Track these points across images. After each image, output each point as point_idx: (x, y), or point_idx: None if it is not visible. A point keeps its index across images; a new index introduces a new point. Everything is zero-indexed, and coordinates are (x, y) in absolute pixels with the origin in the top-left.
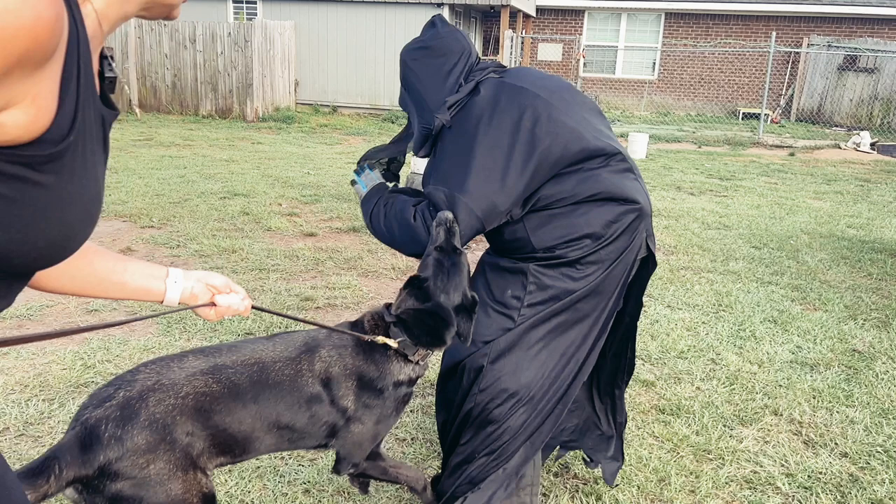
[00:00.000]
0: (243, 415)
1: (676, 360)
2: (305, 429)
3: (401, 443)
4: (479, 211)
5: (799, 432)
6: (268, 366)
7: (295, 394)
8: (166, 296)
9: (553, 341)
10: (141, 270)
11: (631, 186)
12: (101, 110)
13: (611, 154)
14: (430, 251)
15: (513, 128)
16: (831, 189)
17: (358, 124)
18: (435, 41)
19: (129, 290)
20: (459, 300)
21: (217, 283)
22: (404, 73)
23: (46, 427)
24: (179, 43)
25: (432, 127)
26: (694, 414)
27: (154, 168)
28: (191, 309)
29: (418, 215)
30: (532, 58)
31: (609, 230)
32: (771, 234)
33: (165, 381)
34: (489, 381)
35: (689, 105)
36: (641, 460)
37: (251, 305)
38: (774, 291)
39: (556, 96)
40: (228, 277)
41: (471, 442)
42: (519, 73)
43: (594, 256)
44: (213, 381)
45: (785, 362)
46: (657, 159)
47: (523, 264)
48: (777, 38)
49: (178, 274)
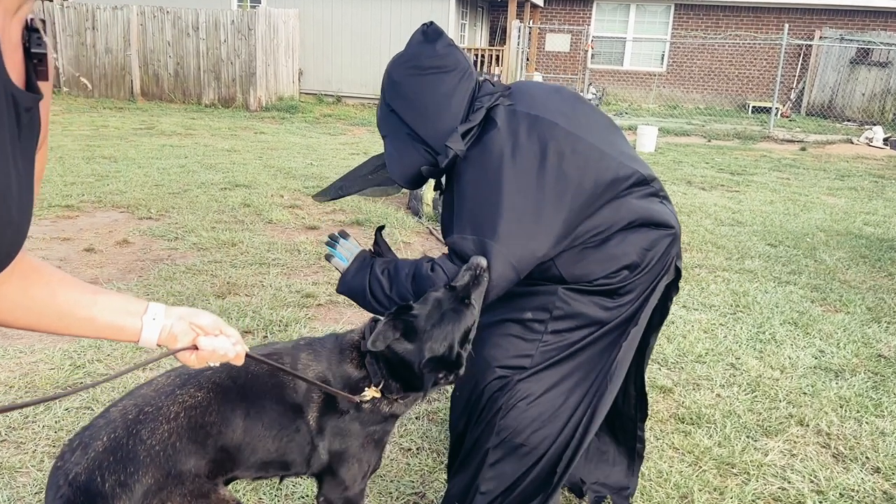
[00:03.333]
0: (238, 419)
1: (694, 364)
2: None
3: (405, 453)
4: (514, 259)
5: (827, 445)
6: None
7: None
8: (142, 335)
9: (577, 372)
10: (113, 304)
11: (661, 210)
12: (10, 90)
13: (640, 178)
14: (439, 288)
15: (539, 165)
16: (845, 185)
17: (362, 114)
18: (433, 59)
19: (98, 327)
20: (442, 352)
21: (204, 323)
22: (393, 93)
23: (30, 432)
24: (182, 30)
25: (437, 156)
26: (715, 423)
27: (154, 157)
28: (172, 354)
29: (437, 267)
30: (540, 48)
31: (645, 258)
32: (786, 231)
33: (149, 409)
34: (511, 411)
35: (697, 98)
36: (662, 474)
37: (245, 353)
38: (793, 292)
39: (574, 121)
40: (219, 317)
41: (500, 467)
42: (527, 96)
43: (630, 286)
44: (196, 390)
45: (808, 368)
46: (666, 153)
47: (551, 285)
48: (788, 30)
49: (158, 310)
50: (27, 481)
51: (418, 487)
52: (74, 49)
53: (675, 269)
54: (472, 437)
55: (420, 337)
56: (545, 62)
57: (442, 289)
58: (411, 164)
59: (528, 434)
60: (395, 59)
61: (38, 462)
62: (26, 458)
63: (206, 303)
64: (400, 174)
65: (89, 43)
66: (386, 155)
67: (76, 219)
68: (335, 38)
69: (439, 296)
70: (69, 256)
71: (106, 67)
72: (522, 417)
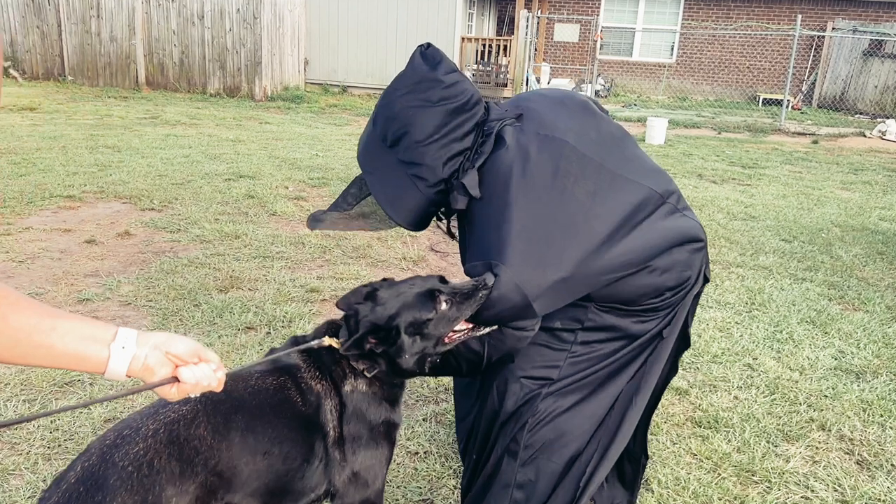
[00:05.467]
0: (234, 432)
1: (710, 364)
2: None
3: (412, 457)
4: (520, 280)
5: (851, 451)
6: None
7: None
8: (109, 365)
9: (606, 386)
10: (77, 330)
11: (687, 226)
12: None
13: (655, 198)
14: (432, 278)
15: (550, 184)
16: (859, 179)
17: (368, 105)
18: (441, 90)
19: (58, 356)
20: (381, 320)
21: (181, 351)
22: (396, 125)
23: (24, 432)
24: (187, 19)
25: (448, 195)
26: (734, 428)
27: (158, 147)
28: (150, 389)
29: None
30: (548, 38)
31: (684, 276)
32: (800, 226)
33: (128, 431)
34: (540, 428)
35: (707, 90)
36: (679, 482)
37: (224, 377)
38: (809, 289)
39: (584, 138)
40: (197, 342)
41: (530, 487)
42: (536, 114)
43: (667, 303)
44: (181, 403)
45: (828, 369)
46: (676, 145)
47: (584, 302)
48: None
49: (129, 337)
50: (20, 484)
51: (426, 494)
52: (79, 37)
53: (704, 278)
54: (497, 453)
55: (374, 301)
56: (553, 52)
57: (432, 279)
58: (416, 205)
59: (558, 451)
60: (397, 87)
61: (32, 464)
62: (20, 459)
63: (209, 297)
64: (404, 217)
65: (94, 31)
66: (380, 196)
67: (78, 209)
68: (341, 28)
69: (419, 282)
70: (69, 248)
71: (111, 56)
72: (552, 434)
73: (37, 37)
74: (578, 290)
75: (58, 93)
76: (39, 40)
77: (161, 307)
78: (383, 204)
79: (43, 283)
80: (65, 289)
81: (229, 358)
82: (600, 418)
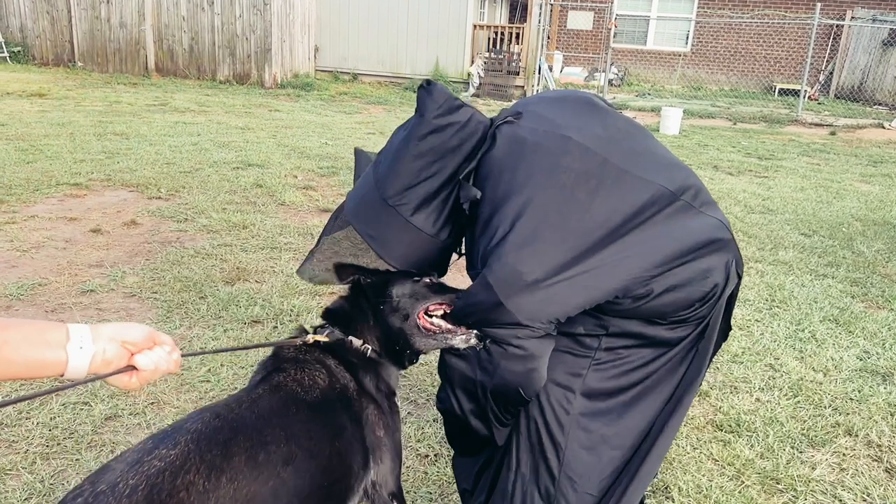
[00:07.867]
0: (237, 458)
1: (731, 364)
2: None
3: (423, 460)
4: (493, 279)
5: (879, 458)
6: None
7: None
8: (68, 366)
9: (638, 402)
10: (29, 337)
11: (704, 226)
12: None
13: (666, 195)
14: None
15: (547, 185)
16: (878, 172)
17: (379, 93)
18: (455, 133)
19: (16, 367)
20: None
21: (135, 338)
22: (400, 184)
23: (23, 430)
24: (197, 5)
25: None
26: (756, 432)
27: (166, 135)
28: (103, 379)
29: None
30: (561, 26)
31: (708, 285)
32: (820, 219)
33: (103, 488)
34: (572, 452)
35: (722, 79)
36: (701, 490)
37: (180, 358)
38: (831, 286)
39: (589, 133)
40: (150, 327)
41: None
42: (534, 112)
43: (697, 315)
44: (170, 448)
45: (853, 370)
46: (691, 136)
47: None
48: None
49: (83, 335)
50: (17, 485)
51: (437, 499)
52: (89, 23)
53: (737, 276)
54: (523, 471)
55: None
56: (566, 41)
57: (418, 278)
58: (431, 255)
59: (594, 481)
60: (410, 127)
61: (30, 464)
62: (17, 458)
63: (215, 289)
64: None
65: (104, 17)
66: (386, 255)
67: (84, 198)
68: (352, 15)
69: (412, 282)
70: (75, 237)
71: (120, 42)
72: (585, 461)
73: (47, 22)
74: (568, 299)
75: (67, 79)
76: (49, 26)
77: (166, 299)
78: (396, 263)
79: (46, 274)
80: (68, 279)
81: (235, 354)
82: (636, 442)
